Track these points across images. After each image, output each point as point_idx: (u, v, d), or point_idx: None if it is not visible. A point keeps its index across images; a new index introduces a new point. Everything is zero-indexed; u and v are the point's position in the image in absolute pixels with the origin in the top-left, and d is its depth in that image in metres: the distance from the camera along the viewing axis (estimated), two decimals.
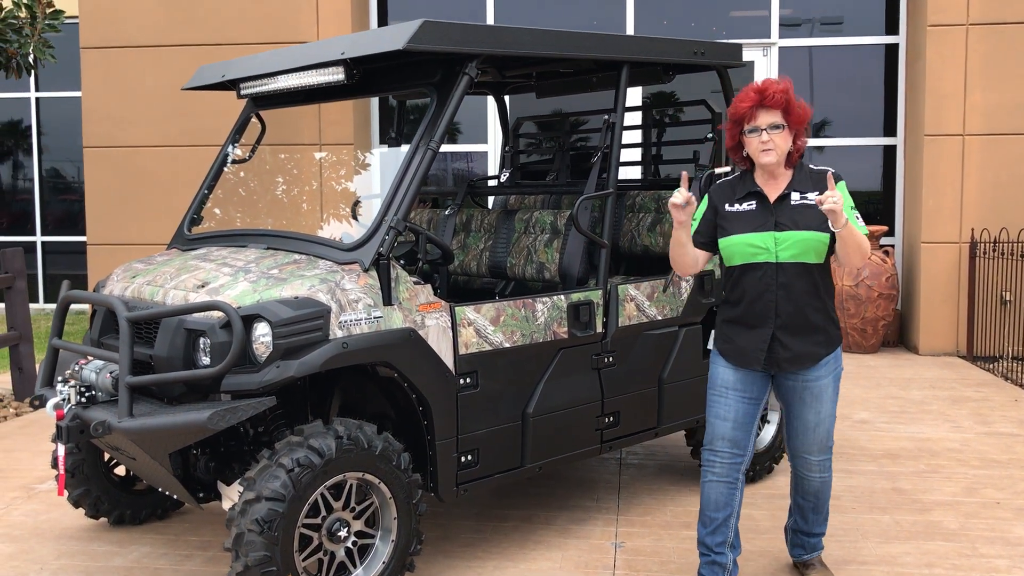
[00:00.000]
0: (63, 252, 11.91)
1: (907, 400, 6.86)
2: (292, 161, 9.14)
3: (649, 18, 9.47)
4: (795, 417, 3.53)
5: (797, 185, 3.39)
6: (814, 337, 3.41)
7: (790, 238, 3.32)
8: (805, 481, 3.63)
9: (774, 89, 3.29)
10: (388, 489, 3.46)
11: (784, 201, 3.37)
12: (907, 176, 9.05)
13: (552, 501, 4.73)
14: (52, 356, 3.83)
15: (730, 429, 3.47)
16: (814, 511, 3.69)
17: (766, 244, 3.35)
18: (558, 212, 4.54)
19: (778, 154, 3.33)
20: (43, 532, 4.39)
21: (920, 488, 4.94)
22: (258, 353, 3.28)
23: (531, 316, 3.93)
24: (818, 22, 9.33)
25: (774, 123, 3.30)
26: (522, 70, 4.95)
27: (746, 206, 3.41)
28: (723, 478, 3.49)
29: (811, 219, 3.33)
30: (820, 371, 3.44)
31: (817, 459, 3.57)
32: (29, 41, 6.10)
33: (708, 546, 3.53)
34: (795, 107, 3.32)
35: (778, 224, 3.35)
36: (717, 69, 4.78)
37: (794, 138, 3.37)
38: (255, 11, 9.07)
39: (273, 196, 9.20)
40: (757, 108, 3.30)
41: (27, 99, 11.89)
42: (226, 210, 9.09)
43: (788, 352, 3.40)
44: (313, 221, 9.06)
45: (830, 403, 3.49)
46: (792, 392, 3.50)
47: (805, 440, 3.54)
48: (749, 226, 3.38)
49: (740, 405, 3.47)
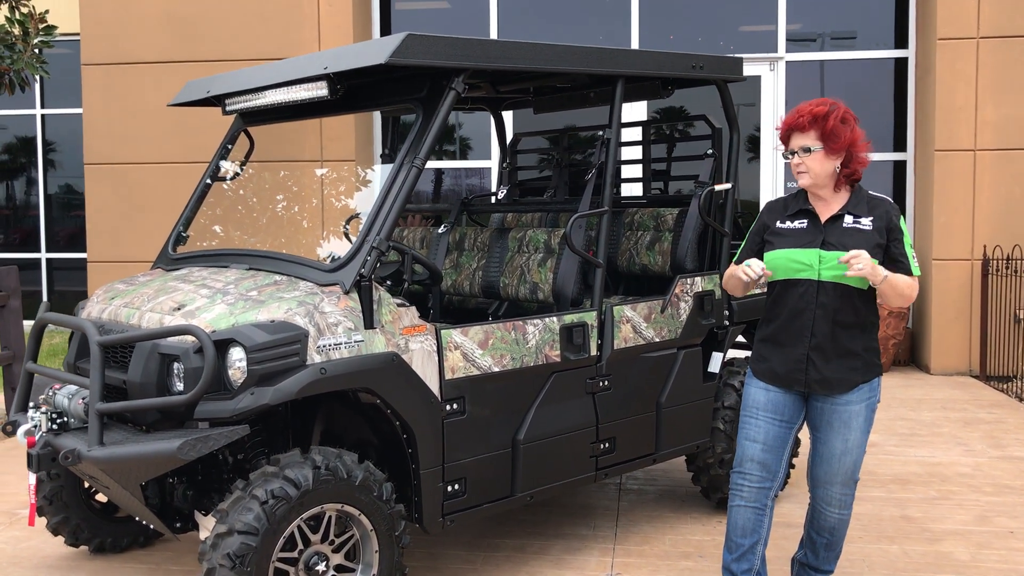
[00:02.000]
0: (69, 268, 11.85)
1: (917, 422, 6.68)
2: (292, 178, 9.05)
3: (654, 34, 9.35)
4: (822, 443, 3.40)
5: (852, 208, 3.32)
6: (850, 363, 3.30)
7: (835, 258, 3.22)
8: (822, 516, 3.47)
9: (804, 111, 3.26)
10: (369, 521, 3.31)
11: (837, 222, 3.31)
12: (917, 192, 8.88)
13: (547, 529, 4.58)
14: (27, 380, 3.72)
15: (760, 451, 3.38)
16: (827, 548, 3.53)
17: (810, 261, 3.28)
18: (552, 231, 4.41)
19: (812, 177, 3.29)
20: (21, 560, 4.26)
21: (930, 516, 4.76)
22: (234, 379, 3.16)
23: (521, 339, 3.79)
24: (829, 36, 9.19)
25: (805, 146, 3.27)
26: (517, 85, 4.83)
27: (797, 224, 3.37)
28: (751, 503, 3.40)
29: (860, 243, 3.24)
30: (852, 396, 3.32)
31: (839, 492, 3.41)
32: (22, 57, 6.02)
33: (734, 573, 3.44)
34: (837, 130, 3.23)
35: (825, 243, 3.28)
36: (716, 83, 4.64)
37: (845, 162, 3.30)
38: (257, 28, 9.00)
39: (268, 214, 9.10)
40: (791, 131, 3.29)
41: (33, 116, 11.86)
42: (215, 229, 9.01)
43: (819, 375, 3.31)
44: (311, 240, 8.96)
45: (860, 432, 3.35)
46: (820, 415, 3.37)
47: (830, 469, 3.39)
48: (796, 242, 3.33)
49: (771, 428, 3.39)
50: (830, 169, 3.29)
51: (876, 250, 3.24)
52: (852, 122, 3.28)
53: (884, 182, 9.15)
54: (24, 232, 11.98)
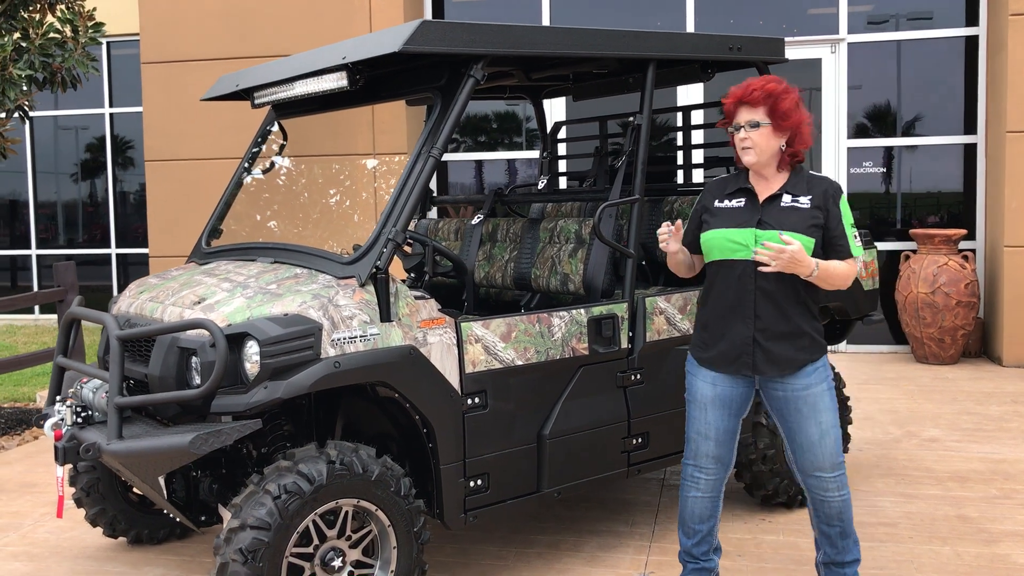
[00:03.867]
0: (138, 264, 12.14)
1: (984, 416, 6.38)
2: (343, 171, 9.08)
3: (713, 19, 9.12)
4: (797, 432, 3.31)
5: (791, 187, 3.26)
6: (797, 342, 3.24)
7: (771, 238, 3.16)
8: (824, 504, 3.36)
9: (755, 86, 3.22)
10: (386, 517, 3.27)
11: (774, 201, 3.27)
12: (988, 175, 8.50)
13: (583, 525, 4.48)
14: (57, 374, 3.77)
15: (713, 447, 3.39)
16: (842, 536, 3.39)
17: (746, 240, 3.21)
18: (583, 221, 4.30)
19: (756, 153, 3.23)
20: (62, 551, 4.34)
21: (988, 516, 4.52)
22: (250, 373, 3.14)
23: (546, 332, 3.69)
24: (905, 17, 8.84)
25: (752, 120, 3.20)
26: (551, 72, 4.72)
27: (735, 203, 3.31)
28: (707, 493, 3.45)
29: (797, 222, 3.19)
30: (810, 379, 3.25)
31: (832, 476, 3.31)
32: (72, 56, 6.13)
33: (695, 556, 3.52)
34: (788, 109, 3.19)
35: (761, 222, 3.22)
36: (757, 65, 4.47)
37: (789, 141, 3.24)
38: (310, 22, 9.05)
39: (319, 208, 9.15)
40: (738, 105, 3.23)
41: (102, 115, 12.16)
42: (252, 223, 9.09)
43: (766, 356, 3.25)
44: (361, 233, 8.97)
45: (830, 413, 3.28)
46: (785, 404, 3.30)
47: (814, 456, 3.30)
48: (732, 222, 3.26)
49: (721, 422, 3.36)
50: (775, 147, 3.23)
51: (813, 229, 3.18)
52: (801, 106, 3.24)
53: (953, 166, 8.78)
54: (96, 229, 12.30)
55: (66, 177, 12.39)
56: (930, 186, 8.88)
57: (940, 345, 8.08)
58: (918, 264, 8.13)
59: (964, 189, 8.78)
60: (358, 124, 8.99)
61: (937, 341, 8.07)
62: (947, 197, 8.83)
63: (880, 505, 4.69)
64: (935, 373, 7.84)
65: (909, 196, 8.92)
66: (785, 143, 3.24)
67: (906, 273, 8.23)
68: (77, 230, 12.37)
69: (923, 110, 8.83)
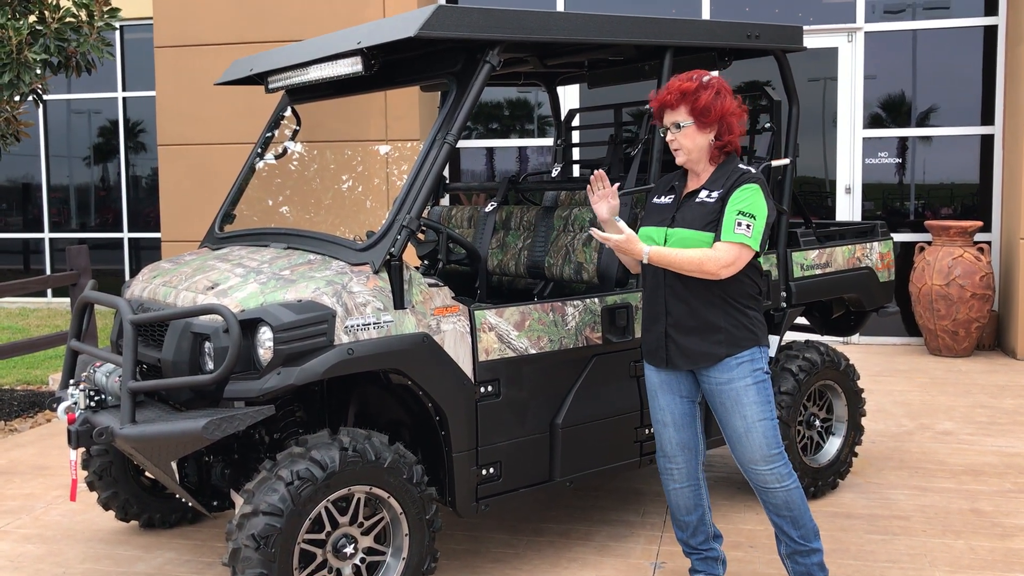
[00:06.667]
0: (151, 248, 12.16)
1: (998, 409, 6.34)
2: (355, 157, 9.07)
3: (727, 6, 9.05)
4: (725, 425, 3.33)
5: (711, 183, 3.28)
6: (711, 336, 3.25)
7: (675, 235, 3.24)
8: (767, 493, 3.35)
9: (672, 88, 3.21)
10: (399, 504, 3.26)
11: (691, 198, 3.29)
12: (1006, 167, 8.42)
13: (594, 514, 4.47)
14: (71, 358, 3.77)
15: (674, 433, 3.43)
16: (794, 525, 3.36)
17: (659, 238, 3.29)
18: None
19: (685, 153, 3.26)
20: (75, 534, 4.35)
21: (1003, 510, 4.50)
22: (263, 359, 3.13)
23: (560, 321, 3.68)
24: (922, 7, 8.75)
25: (676, 122, 3.23)
26: (566, 59, 4.69)
27: (664, 199, 3.39)
28: (685, 483, 3.48)
29: (695, 219, 3.23)
30: (732, 373, 3.24)
31: (766, 468, 3.29)
32: (87, 40, 6.11)
33: (693, 546, 3.56)
34: (707, 104, 3.16)
35: (673, 219, 3.29)
36: (775, 53, 4.43)
37: (718, 134, 3.23)
38: (323, 7, 9.01)
39: (331, 193, 9.14)
40: (662, 108, 3.26)
41: (115, 99, 12.17)
42: (265, 208, 9.08)
43: (678, 350, 3.30)
44: (373, 219, 8.96)
45: (756, 407, 3.25)
46: (712, 397, 3.32)
47: (743, 449, 3.31)
48: (655, 219, 3.35)
49: (675, 406, 3.40)
50: (703, 144, 3.24)
51: (710, 225, 3.18)
52: (725, 94, 3.20)
53: (970, 157, 8.71)
54: (109, 212, 12.33)
55: (79, 161, 12.41)
56: (945, 177, 8.80)
57: (954, 338, 8.03)
58: (933, 256, 8.07)
59: (980, 181, 8.71)
60: (371, 110, 8.96)
61: (951, 333, 8.02)
62: (962, 188, 8.76)
63: (893, 498, 4.67)
64: (948, 366, 7.79)
65: (923, 187, 8.85)
66: (713, 137, 3.24)
67: (920, 265, 8.17)
68: (89, 214, 12.40)
69: (940, 100, 8.75)
